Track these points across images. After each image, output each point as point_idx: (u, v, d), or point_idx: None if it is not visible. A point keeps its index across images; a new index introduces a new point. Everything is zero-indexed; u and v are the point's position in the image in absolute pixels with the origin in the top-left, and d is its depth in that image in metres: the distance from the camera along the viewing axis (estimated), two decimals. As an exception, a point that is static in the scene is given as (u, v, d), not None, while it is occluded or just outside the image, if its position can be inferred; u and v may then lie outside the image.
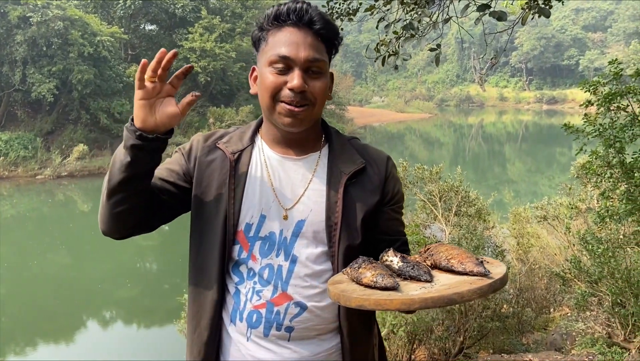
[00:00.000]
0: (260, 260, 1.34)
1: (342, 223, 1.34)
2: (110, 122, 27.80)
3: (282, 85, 1.28)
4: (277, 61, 1.28)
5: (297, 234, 1.34)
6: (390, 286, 1.07)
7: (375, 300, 1.04)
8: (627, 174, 4.46)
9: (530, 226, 8.53)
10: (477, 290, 1.03)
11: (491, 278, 1.07)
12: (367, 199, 1.38)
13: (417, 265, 1.15)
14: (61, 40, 25.97)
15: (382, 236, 1.43)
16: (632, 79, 4.75)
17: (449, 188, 7.01)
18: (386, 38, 2.93)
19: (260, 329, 1.33)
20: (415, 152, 37.38)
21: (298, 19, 1.29)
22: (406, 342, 5.06)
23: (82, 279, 13.54)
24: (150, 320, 11.02)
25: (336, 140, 1.44)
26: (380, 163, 1.44)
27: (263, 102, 1.33)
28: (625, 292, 4.44)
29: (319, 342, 1.37)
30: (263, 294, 1.33)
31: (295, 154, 1.40)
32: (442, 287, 1.07)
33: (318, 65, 1.30)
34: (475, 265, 1.10)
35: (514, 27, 2.83)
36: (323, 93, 1.33)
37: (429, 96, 76.08)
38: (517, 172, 31.10)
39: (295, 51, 1.27)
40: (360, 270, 1.16)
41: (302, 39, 1.28)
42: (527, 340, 6.41)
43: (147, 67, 1.21)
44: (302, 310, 1.33)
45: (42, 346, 9.84)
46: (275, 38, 1.30)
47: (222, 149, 1.38)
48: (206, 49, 31.61)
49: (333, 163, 1.39)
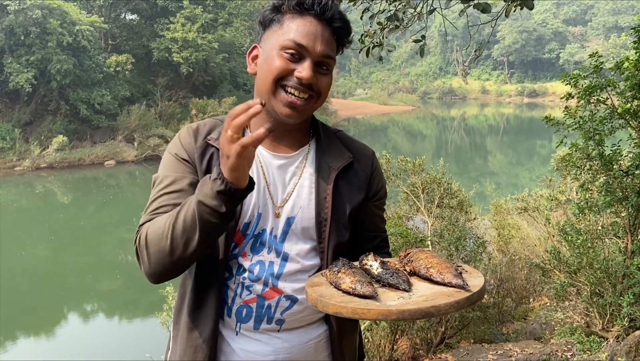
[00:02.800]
0: (251, 257, 1.33)
1: (331, 218, 1.34)
2: (90, 113, 27.35)
3: (289, 72, 1.25)
4: (291, 47, 1.24)
5: (286, 232, 1.34)
6: (368, 294, 1.06)
7: (352, 309, 1.04)
8: (606, 166, 4.53)
9: (511, 218, 8.65)
10: (454, 304, 1.03)
11: (469, 291, 1.07)
12: (354, 195, 1.39)
13: (396, 273, 1.14)
14: (39, 29, 25.42)
15: (363, 232, 1.44)
16: (612, 72, 4.82)
17: (431, 180, 7.05)
18: (370, 29, 2.92)
19: (250, 324, 1.33)
20: (399, 144, 37.54)
21: (321, 12, 1.27)
22: (389, 333, 5.10)
23: (62, 272, 13.39)
24: (132, 313, 10.95)
25: (323, 134, 1.43)
26: (366, 159, 1.44)
27: (264, 84, 1.27)
28: (603, 282, 4.52)
29: (308, 330, 1.38)
30: (253, 288, 1.32)
31: (286, 150, 1.37)
32: (419, 298, 1.06)
33: (328, 62, 1.29)
34: (453, 277, 1.09)
35: (497, 19, 2.85)
36: (327, 88, 1.31)
37: (412, 88, 76.41)
38: (498, 165, 31.45)
39: (313, 43, 1.25)
40: (340, 275, 1.15)
41: (320, 32, 1.26)
42: (507, 330, 6.51)
43: (256, 108, 1.06)
44: (292, 303, 1.33)
45: (22, 340, 9.72)
46: (292, 23, 1.26)
47: (216, 146, 1.32)
48: (188, 39, 31.21)
49: (321, 158, 1.38)
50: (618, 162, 4.63)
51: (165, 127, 29.46)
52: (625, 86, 4.56)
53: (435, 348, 5.40)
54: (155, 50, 31.63)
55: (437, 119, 57.85)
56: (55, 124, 26.54)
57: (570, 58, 67.68)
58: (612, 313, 4.55)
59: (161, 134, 28.69)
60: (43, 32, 25.56)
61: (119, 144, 27.71)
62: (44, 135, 25.83)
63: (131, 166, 26.88)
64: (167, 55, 31.51)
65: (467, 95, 76.31)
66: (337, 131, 1.49)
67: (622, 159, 4.70)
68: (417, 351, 5.39)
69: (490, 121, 55.69)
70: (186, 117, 30.49)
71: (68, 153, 25.83)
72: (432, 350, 5.36)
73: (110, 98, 27.88)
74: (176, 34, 31.30)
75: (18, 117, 26.27)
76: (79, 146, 26.78)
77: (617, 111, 4.59)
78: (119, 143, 27.80)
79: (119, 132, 28.12)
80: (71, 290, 12.17)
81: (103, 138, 27.88)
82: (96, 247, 15.36)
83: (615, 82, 4.66)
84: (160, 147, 27.98)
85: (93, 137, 27.73)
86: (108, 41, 32.16)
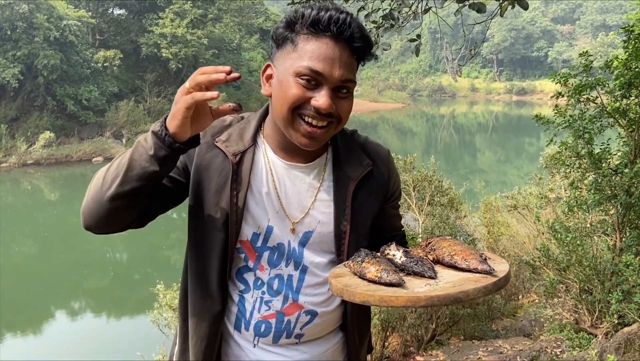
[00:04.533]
0: (269, 270, 1.30)
1: (351, 231, 1.30)
2: (77, 109, 27.10)
3: (306, 100, 1.16)
4: (305, 73, 1.15)
5: (304, 244, 1.31)
6: (395, 282, 1.05)
7: (380, 296, 1.02)
8: (595, 165, 4.57)
9: (501, 215, 8.69)
10: (483, 289, 1.02)
11: (496, 276, 1.06)
12: (373, 203, 1.35)
13: (420, 261, 1.13)
14: (26, 24, 25.11)
15: (382, 233, 1.41)
16: (601, 71, 4.85)
17: (422, 177, 7.07)
18: (366, 28, 2.91)
19: (269, 338, 1.31)
20: (389, 142, 37.59)
21: (339, 33, 1.16)
22: (380, 330, 5.12)
23: (49, 270, 13.25)
24: (120, 311, 10.87)
25: (341, 141, 1.36)
26: (384, 161, 1.39)
27: (280, 112, 1.19)
28: (592, 279, 4.56)
29: (326, 341, 1.38)
30: (272, 304, 1.29)
31: (301, 161, 1.31)
32: (447, 285, 1.05)
33: (348, 85, 1.20)
34: (479, 263, 1.09)
35: (492, 18, 2.85)
36: (348, 113, 1.23)
37: (402, 85, 76.50)
38: (487, 162, 31.63)
39: (330, 69, 1.15)
40: (364, 264, 1.13)
41: (338, 55, 1.16)
42: (497, 326, 6.56)
43: (219, 75, 1.05)
44: (313, 317, 1.31)
45: (9, 338, 9.61)
46: (307, 46, 1.16)
47: (222, 149, 1.27)
48: (177, 35, 31.02)
49: (339, 168, 1.32)
50: (607, 161, 4.66)
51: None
52: (614, 85, 4.59)
53: (425, 344, 5.42)
54: (144, 46, 31.39)
55: (426, 116, 58.04)
56: (42, 120, 26.27)
57: (559, 56, 68.19)
58: (601, 310, 4.59)
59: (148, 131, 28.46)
60: (30, 27, 25.27)
61: (107, 141, 27.48)
62: (31, 131, 25.56)
63: (119, 162, 26.62)
64: (155, 51, 31.29)
65: (457, 93, 76.62)
66: (353, 132, 1.42)
67: (611, 157, 4.73)
68: (408, 348, 5.41)
69: (480, 119, 55.98)
70: (175, 114, 30.28)
71: (55, 149, 25.56)
72: (422, 347, 5.39)
73: (98, 94, 27.63)
74: (165, 30, 31.09)
75: (4, 113, 25.95)
76: (66, 143, 26.52)
77: (606, 109, 4.63)
78: (107, 139, 27.57)
79: (107, 129, 27.89)
80: (59, 288, 12.06)
81: (91, 134, 27.62)
82: (84, 244, 15.20)
83: (605, 81, 4.70)
84: (149, 143, 27.76)
85: (81, 134, 27.45)
86: (96, 36, 31.85)
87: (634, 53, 4.42)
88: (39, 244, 15.44)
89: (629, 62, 4.43)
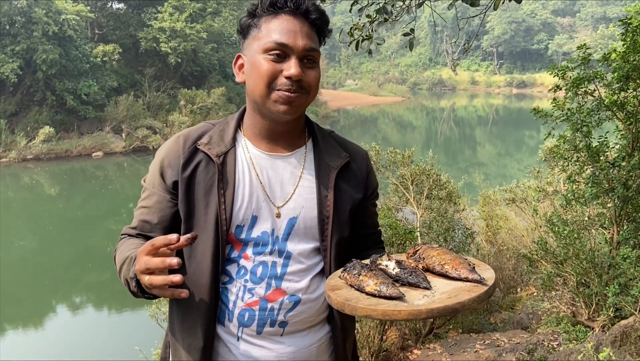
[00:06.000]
0: (254, 258, 1.32)
1: (333, 216, 1.35)
2: (77, 103, 27.05)
3: (278, 73, 1.25)
4: (273, 48, 1.25)
5: (289, 232, 1.34)
6: (395, 295, 1.08)
7: (382, 311, 1.05)
8: (593, 158, 4.57)
9: (499, 209, 8.69)
10: (477, 298, 1.07)
11: (486, 285, 1.11)
12: (353, 193, 1.41)
13: (414, 272, 1.17)
14: (24, 18, 25.04)
15: (363, 230, 1.47)
16: (599, 64, 4.84)
17: (420, 171, 7.06)
18: (360, 22, 2.90)
19: (252, 327, 1.31)
20: (389, 135, 37.58)
21: (295, 8, 1.27)
22: (377, 323, 5.13)
23: (49, 264, 13.29)
24: (120, 305, 10.90)
25: (320, 134, 1.44)
26: (361, 159, 1.47)
27: (256, 90, 1.28)
28: (589, 272, 4.57)
29: (311, 333, 1.38)
30: (256, 291, 1.31)
31: (282, 150, 1.37)
32: (442, 295, 1.09)
33: (313, 55, 1.29)
34: (469, 272, 1.14)
35: (486, 12, 2.84)
36: (317, 82, 1.32)
37: (402, 79, 76.34)
38: (487, 155, 31.61)
39: (293, 39, 1.25)
40: (362, 278, 1.16)
41: (299, 27, 1.27)
42: (495, 319, 6.57)
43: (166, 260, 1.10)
44: (296, 303, 1.33)
45: (10, 332, 9.65)
46: (270, 25, 1.27)
47: (205, 151, 1.32)
48: (176, 29, 30.91)
49: (320, 158, 1.39)
50: (605, 154, 4.67)
51: (154, 118, 29.21)
52: (612, 77, 4.58)
53: (424, 338, 5.44)
54: (143, 40, 31.29)
55: (426, 110, 57.95)
56: (42, 114, 26.23)
57: (559, 49, 67.97)
58: (598, 303, 4.61)
59: (149, 125, 28.45)
60: (28, 22, 25.19)
61: (106, 135, 27.46)
62: (30, 126, 25.53)
63: (119, 157, 26.66)
64: (154, 45, 31.19)
65: (457, 86, 76.44)
66: (331, 132, 1.50)
67: (608, 150, 4.74)
68: (406, 341, 5.43)
69: (480, 112, 55.89)
70: (174, 108, 30.27)
71: (55, 144, 25.56)
72: (420, 340, 5.40)
73: (97, 88, 27.57)
74: (164, 24, 30.98)
75: (4, 108, 25.91)
76: (65, 137, 26.50)
77: (604, 102, 4.62)
78: (107, 134, 27.55)
79: (107, 123, 27.86)
80: (59, 282, 12.10)
81: (90, 129, 27.59)
82: (84, 239, 15.25)
83: (603, 74, 4.69)
84: (149, 138, 27.77)
85: (80, 128, 27.42)
86: (95, 31, 31.74)
87: (631, 46, 4.40)
88: (39, 238, 15.47)
89: (626, 55, 4.42)
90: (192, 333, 1.32)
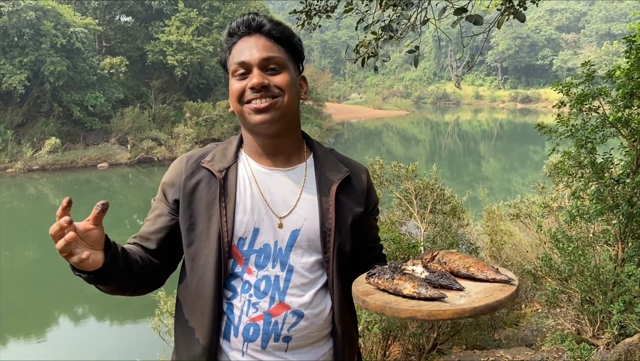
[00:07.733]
0: (257, 272, 1.33)
1: (335, 228, 1.37)
2: (83, 115, 27.24)
3: (244, 88, 1.33)
4: (236, 69, 1.35)
5: (292, 245, 1.35)
6: (437, 296, 1.10)
7: (428, 311, 1.06)
8: (598, 174, 4.56)
9: (504, 224, 8.67)
10: (511, 296, 1.11)
11: (514, 284, 1.15)
12: (354, 206, 1.43)
13: (444, 274, 1.19)
14: (33, 30, 25.32)
15: (365, 243, 1.50)
16: (604, 80, 4.86)
17: (424, 185, 7.06)
18: (365, 39, 2.93)
19: (257, 342, 1.32)
20: (393, 149, 37.60)
21: (247, 28, 1.37)
22: (381, 338, 5.10)
23: (53, 274, 13.27)
24: (123, 316, 10.87)
25: (320, 151, 1.47)
26: (361, 174, 1.50)
27: (235, 110, 1.37)
28: (594, 289, 4.54)
29: (315, 349, 1.38)
30: (260, 306, 1.32)
31: (282, 165, 1.41)
32: (478, 295, 1.11)
33: (275, 61, 1.34)
34: (495, 273, 1.17)
35: (490, 29, 2.87)
36: (288, 84, 1.35)
37: (407, 93, 76.63)
38: (492, 170, 31.55)
39: (249, 55, 1.33)
40: (396, 281, 1.17)
41: (254, 43, 1.35)
42: (499, 336, 6.52)
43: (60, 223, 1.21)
44: (299, 318, 1.33)
45: (12, 342, 9.64)
46: (234, 51, 1.37)
47: (208, 168, 1.38)
48: (183, 42, 31.19)
49: (321, 172, 1.42)
50: (609, 171, 4.66)
51: (159, 130, 29.37)
52: (617, 94, 4.59)
53: (427, 353, 5.40)
54: (150, 53, 31.57)
55: (430, 124, 58.01)
56: (48, 125, 26.41)
57: (563, 65, 68.14)
58: (603, 320, 4.57)
59: (155, 137, 28.59)
60: (37, 34, 25.46)
61: (112, 147, 27.59)
62: (37, 137, 25.70)
63: (124, 168, 26.75)
64: (161, 58, 31.45)
65: (461, 100, 76.63)
66: (331, 150, 1.54)
67: (613, 167, 4.73)
68: (409, 357, 5.39)
69: (484, 126, 55.89)
70: (180, 120, 30.43)
71: (60, 155, 25.69)
72: (424, 356, 5.36)
73: (103, 100, 27.77)
74: (171, 37, 31.27)
75: (10, 118, 26.12)
76: (71, 148, 26.64)
77: (608, 119, 4.63)
78: (112, 145, 27.69)
79: (112, 135, 28.02)
80: (62, 292, 12.08)
81: (96, 140, 27.75)
82: (88, 250, 15.20)
83: (607, 90, 4.70)
84: (154, 149, 27.89)
85: (86, 140, 27.58)
86: (102, 43, 32.07)
87: (636, 63, 4.42)
88: (43, 249, 15.47)
89: (631, 72, 4.44)
90: (195, 348, 1.33)
